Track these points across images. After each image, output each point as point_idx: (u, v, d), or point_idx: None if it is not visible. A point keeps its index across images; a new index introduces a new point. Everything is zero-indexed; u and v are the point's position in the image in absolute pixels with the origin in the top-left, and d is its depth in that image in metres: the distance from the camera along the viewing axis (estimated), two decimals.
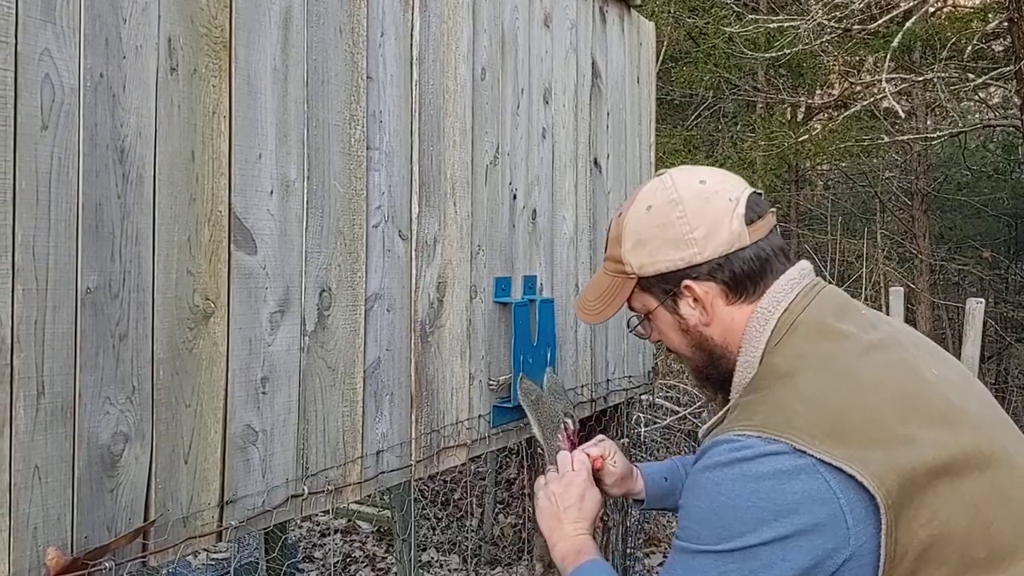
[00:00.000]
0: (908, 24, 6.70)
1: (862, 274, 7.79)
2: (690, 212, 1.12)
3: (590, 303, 1.26)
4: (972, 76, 7.42)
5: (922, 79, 7.43)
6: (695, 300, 1.14)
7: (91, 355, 1.12)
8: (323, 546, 4.68)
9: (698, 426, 4.76)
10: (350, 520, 4.91)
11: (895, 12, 7.00)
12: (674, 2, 9.27)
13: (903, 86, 8.06)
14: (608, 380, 2.52)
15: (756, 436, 0.97)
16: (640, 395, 3.11)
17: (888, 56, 6.69)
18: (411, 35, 1.71)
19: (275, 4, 1.40)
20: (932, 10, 7.78)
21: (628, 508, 2.80)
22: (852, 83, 9.24)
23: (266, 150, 1.38)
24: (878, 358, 1.04)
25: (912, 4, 6.88)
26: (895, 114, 8.30)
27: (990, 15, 7.26)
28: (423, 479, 4.70)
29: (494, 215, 1.98)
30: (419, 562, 4.11)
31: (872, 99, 7.62)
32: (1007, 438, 1.05)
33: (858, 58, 9.24)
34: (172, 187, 1.23)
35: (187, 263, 1.26)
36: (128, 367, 1.17)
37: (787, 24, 7.62)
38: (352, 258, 1.56)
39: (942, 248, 10.46)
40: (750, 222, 1.12)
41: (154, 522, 1.20)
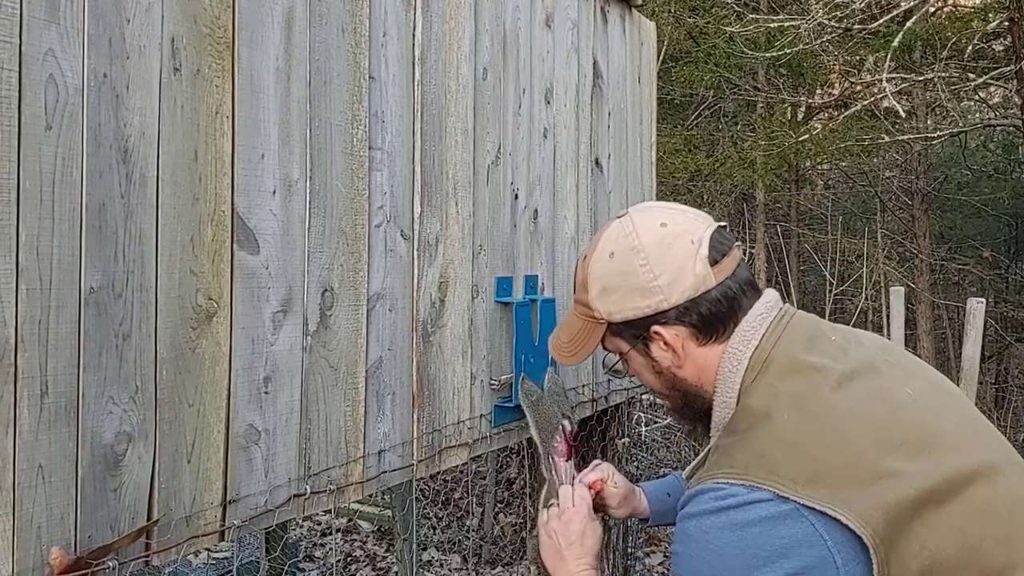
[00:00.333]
0: (908, 24, 6.70)
1: (862, 274, 7.79)
2: (652, 259, 1.12)
3: (564, 344, 1.27)
4: (972, 76, 7.42)
5: (922, 79, 7.43)
6: (665, 344, 1.15)
7: (94, 355, 1.13)
8: (324, 545, 4.69)
9: None
10: (351, 519, 4.91)
11: (895, 12, 7.00)
12: (674, 2, 9.27)
13: (903, 86, 8.06)
14: (609, 379, 2.52)
15: (740, 484, 0.98)
16: (641, 395, 3.11)
17: (888, 56, 6.69)
18: (413, 35, 1.71)
19: (278, 4, 1.40)
20: (932, 10, 7.77)
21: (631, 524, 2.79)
22: (852, 83, 9.24)
23: (269, 150, 1.38)
24: (852, 389, 1.04)
25: (912, 4, 6.88)
26: (895, 114, 8.30)
27: (990, 15, 7.25)
28: (424, 478, 4.71)
29: (496, 215, 1.98)
30: (420, 561, 4.11)
31: (872, 99, 7.62)
32: (987, 447, 1.05)
33: (858, 58, 9.24)
34: (175, 187, 1.23)
35: (190, 263, 1.26)
36: (131, 367, 1.17)
37: (787, 24, 7.63)
38: (354, 258, 1.56)
39: (942, 248, 10.47)
40: (714, 262, 1.12)
41: (157, 521, 1.21)
